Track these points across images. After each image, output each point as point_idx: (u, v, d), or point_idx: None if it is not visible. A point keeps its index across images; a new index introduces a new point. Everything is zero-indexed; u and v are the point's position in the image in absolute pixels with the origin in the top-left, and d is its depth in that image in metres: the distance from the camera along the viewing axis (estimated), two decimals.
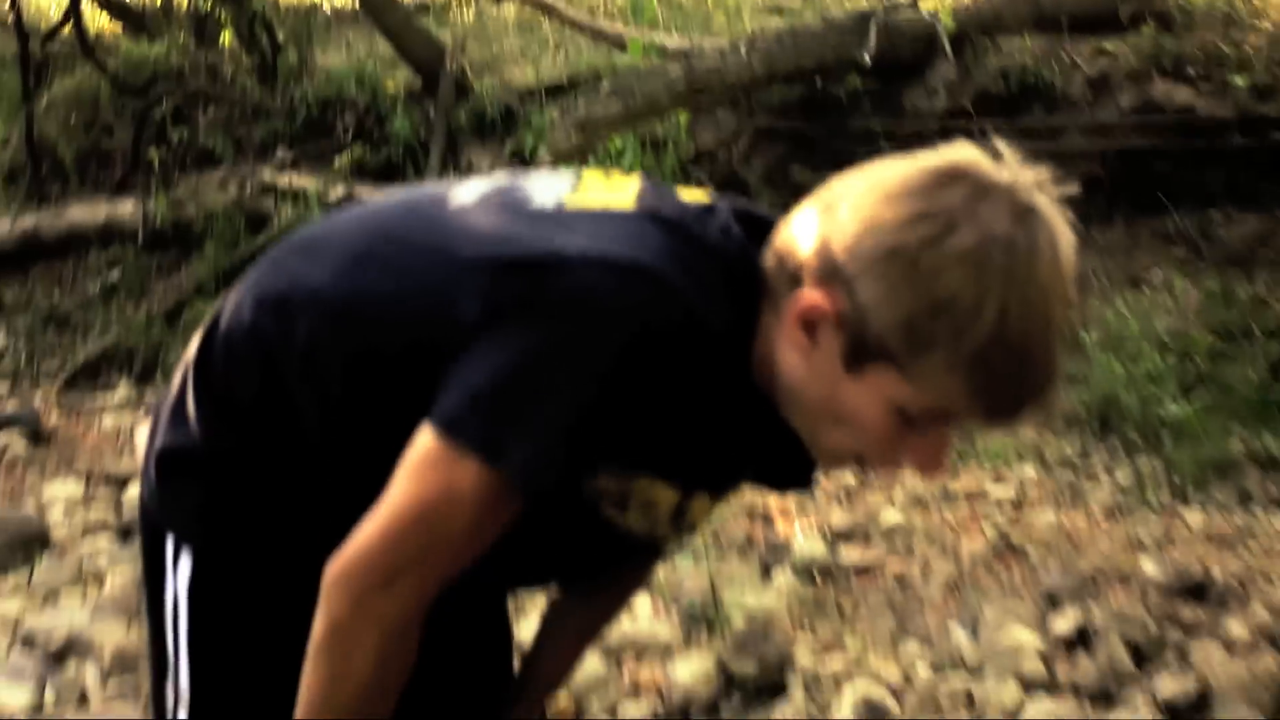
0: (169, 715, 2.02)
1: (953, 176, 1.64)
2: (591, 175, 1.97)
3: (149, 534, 2.03)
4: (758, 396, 1.81)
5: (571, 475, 1.78)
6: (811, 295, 1.69)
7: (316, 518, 1.92)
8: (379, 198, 2.05)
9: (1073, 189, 1.71)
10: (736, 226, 1.84)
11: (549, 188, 1.93)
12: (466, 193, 1.94)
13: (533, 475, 1.71)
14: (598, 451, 1.77)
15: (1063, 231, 1.66)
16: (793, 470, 2.08)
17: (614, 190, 1.91)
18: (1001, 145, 1.71)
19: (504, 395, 1.69)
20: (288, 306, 1.90)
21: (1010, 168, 1.67)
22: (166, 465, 1.98)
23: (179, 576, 1.97)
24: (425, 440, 1.73)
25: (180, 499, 1.97)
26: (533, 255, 1.74)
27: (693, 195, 1.91)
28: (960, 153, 1.68)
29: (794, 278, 1.73)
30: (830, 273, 1.67)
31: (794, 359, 1.75)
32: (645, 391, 1.73)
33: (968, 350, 1.62)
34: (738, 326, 1.78)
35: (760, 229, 1.85)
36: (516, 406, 1.69)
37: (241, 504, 1.93)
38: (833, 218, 1.68)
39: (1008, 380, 1.66)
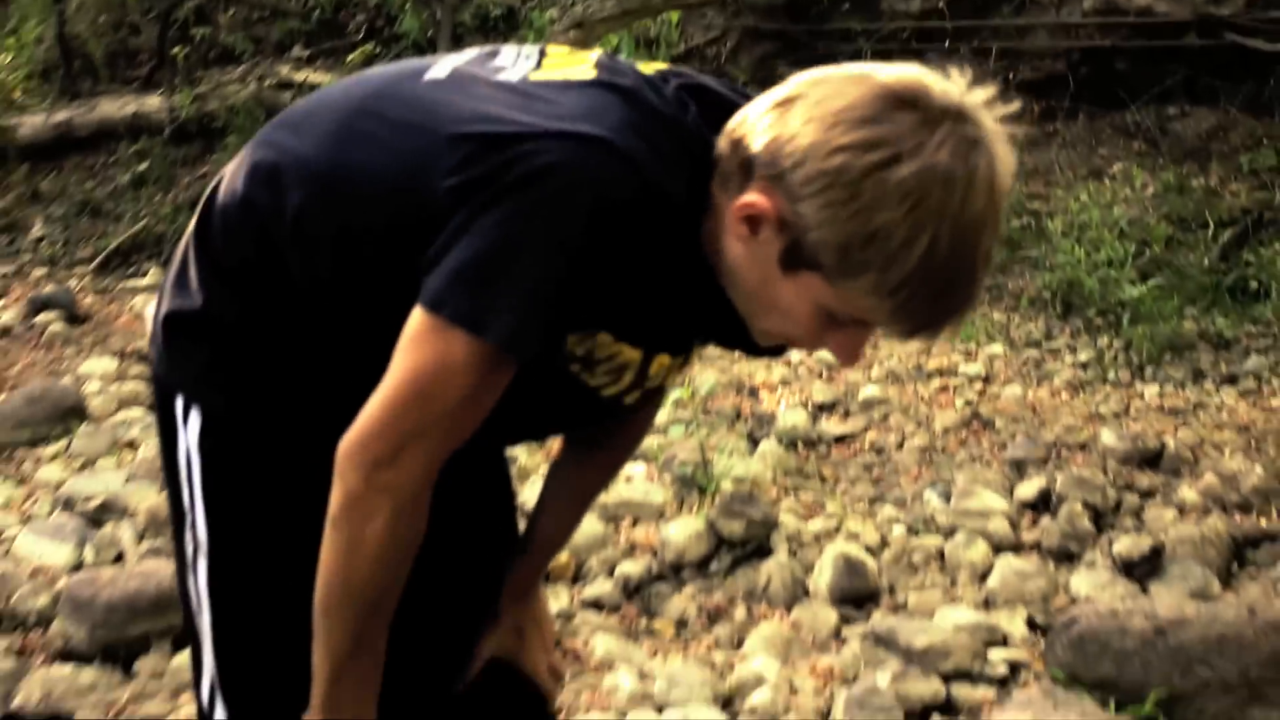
0: (189, 562, 2.02)
1: (903, 101, 1.61)
2: (555, 50, 1.97)
3: (160, 394, 2.03)
4: (706, 266, 1.81)
5: (550, 340, 1.78)
6: (757, 196, 1.68)
7: (313, 375, 1.92)
8: (363, 74, 2.02)
9: (1016, 106, 1.67)
10: (690, 99, 1.83)
11: (516, 63, 1.92)
12: (440, 69, 1.92)
13: (516, 342, 1.71)
14: (570, 315, 1.77)
15: (1003, 158, 1.64)
16: (749, 336, 2.08)
17: (574, 64, 1.90)
18: (953, 68, 1.67)
19: (483, 270, 1.69)
20: (278, 179, 1.88)
21: (959, 89, 1.64)
22: (171, 328, 1.97)
23: (189, 432, 1.96)
24: (416, 320, 1.73)
25: (185, 360, 1.96)
26: (501, 131, 1.73)
27: (648, 67, 1.91)
28: (913, 74, 1.64)
29: (744, 168, 1.71)
30: (777, 177, 1.65)
31: (736, 246, 1.75)
32: (610, 257, 1.73)
33: (895, 278, 1.62)
34: (691, 197, 1.77)
35: (710, 100, 1.83)
36: (495, 280, 1.69)
37: (243, 364, 1.92)
38: (786, 121, 1.66)
39: (929, 303, 1.66)
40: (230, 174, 1.97)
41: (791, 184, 1.64)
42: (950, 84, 1.64)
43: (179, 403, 1.98)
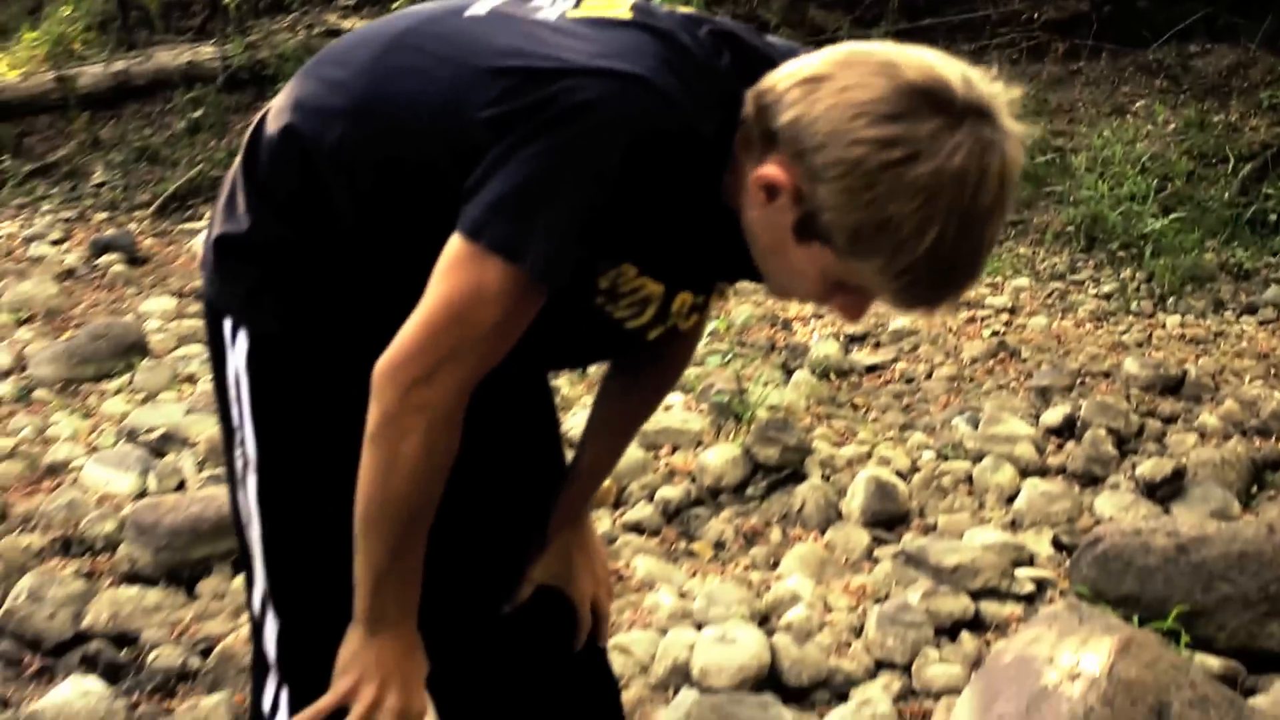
0: (239, 477, 2.03)
1: (926, 100, 1.60)
2: None
3: (210, 316, 2.03)
4: (728, 210, 1.81)
5: (581, 271, 1.78)
6: (777, 169, 1.68)
7: (355, 298, 1.93)
8: (405, 10, 2.02)
9: (1015, 92, 1.69)
10: (723, 46, 1.82)
11: (554, 2, 1.91)
12: (480, 5, 1.92)
13: (550, 270, 1.72)
14: (602, 247, 1.77)
15: (1015, 157, 1.65)
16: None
17: (611, 5, 1.89)
18: (978, 69, 1.68)
19: (520, 200, 1.69)
20: (321, 111, 1.89)
21: (980, 88, 1.64)
22: (220, 252, 1.98)
23: (237, 353, 1.97)
24: (454, 246, 1.74)
25: (233, 283, 1.97)
26: (541, 66, 1.73)
27: (682, 10, 1.90)
28: (938, 70, 1.64)
29: (767, 137, 1.70)
30: (798, 155, 1.65)
31: (753, 209, 1.75)
32: (643, 192, 1.73)
33: (901, 264, 1.64)
34: (718, 139, 1.77)
35: (740, 48, 1.83)
36: (532, 209, 1.69)
37: (288, 287, 1.92)
38: (812, 102, 1.65)
39: (931, 287, 1.68)
40: (276, 106, 1.97)
41: (811, 165, 1.64)
42: (972, 81, 1.64)
43: (227, 324, 1.99)
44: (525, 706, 2.34)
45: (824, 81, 1.65)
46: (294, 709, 2.06)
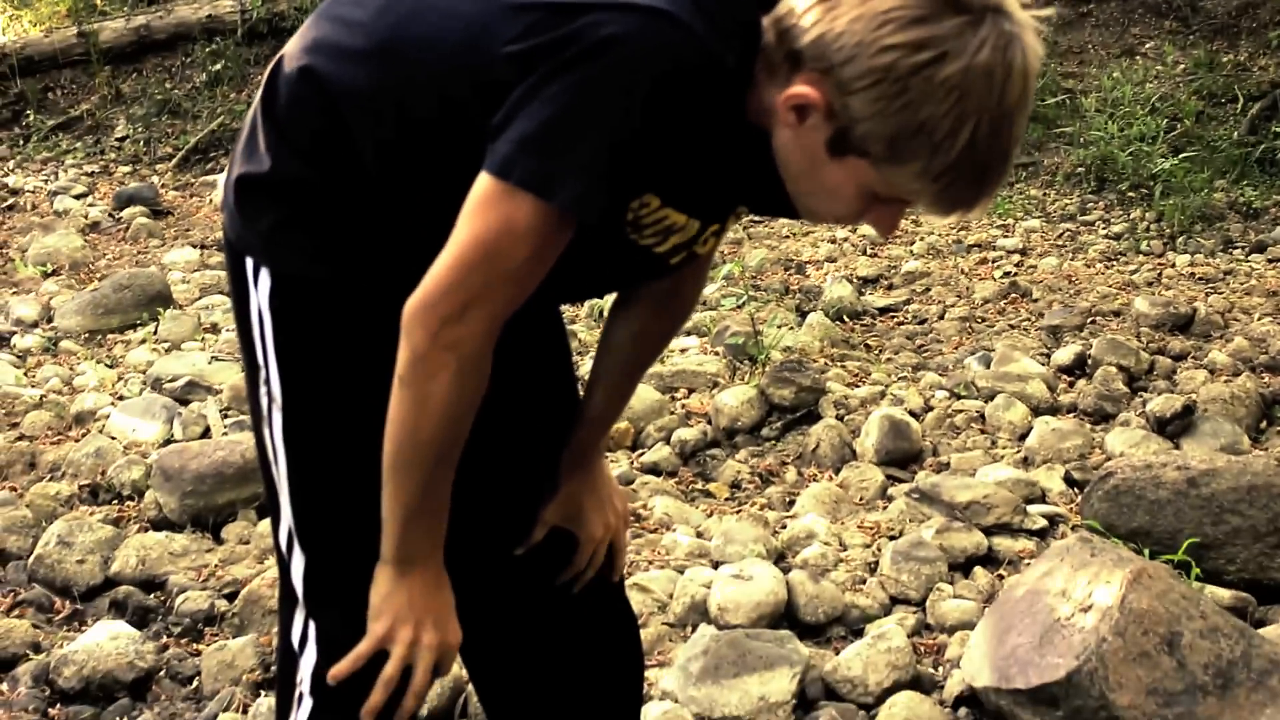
0: (264, 415, 2.02)
1: (946, 3, 1.61)
2: None
3: (231, 255, 2.01)
4: (754, 135, 1.80)
5: (613, 205, 1.76)
6: (807, 88, 1.67)
7: (377, 237, 1.91)
8: None
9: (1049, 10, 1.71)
10: None
11: None
12: None
13: (584, 205, 1.70)
14: (631, 180, 1.76)
15: (1033, 48, 1.66)
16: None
17: None
18: None
19: (549, 137, 1.68)
20: (340, 50, 1.87)
21: None
22: (242, 192, 1.96)
23: (260, 292, 1.95)
24: (483, 184, 1.72)
25: (255, 222, 1.95)
26: (564, 2, 1.70)
27: None
28: None
29: (791, 59, 1.69)
30: (826, 71, 1.65)
31: (784, 133, 1.74)
32: (670, 126, 1.71)
33: (939, 165, 1.64)
34: (740, 68, 1.75)
35: None
36: (562, 146, 1.68)
37: (310, 226, 1.91)
38: (835, 17, 1.65)
39: (968, 186, 1.68)
40: (294, 47, 1.95)
41: (841, 78, 1.64)
42: None
43: (249, 264, 1.97)
44: (544, 644, 2.33)
45: None
46: (322, 642, 2.06)
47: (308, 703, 2.09)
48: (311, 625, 2.08)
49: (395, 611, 1.95)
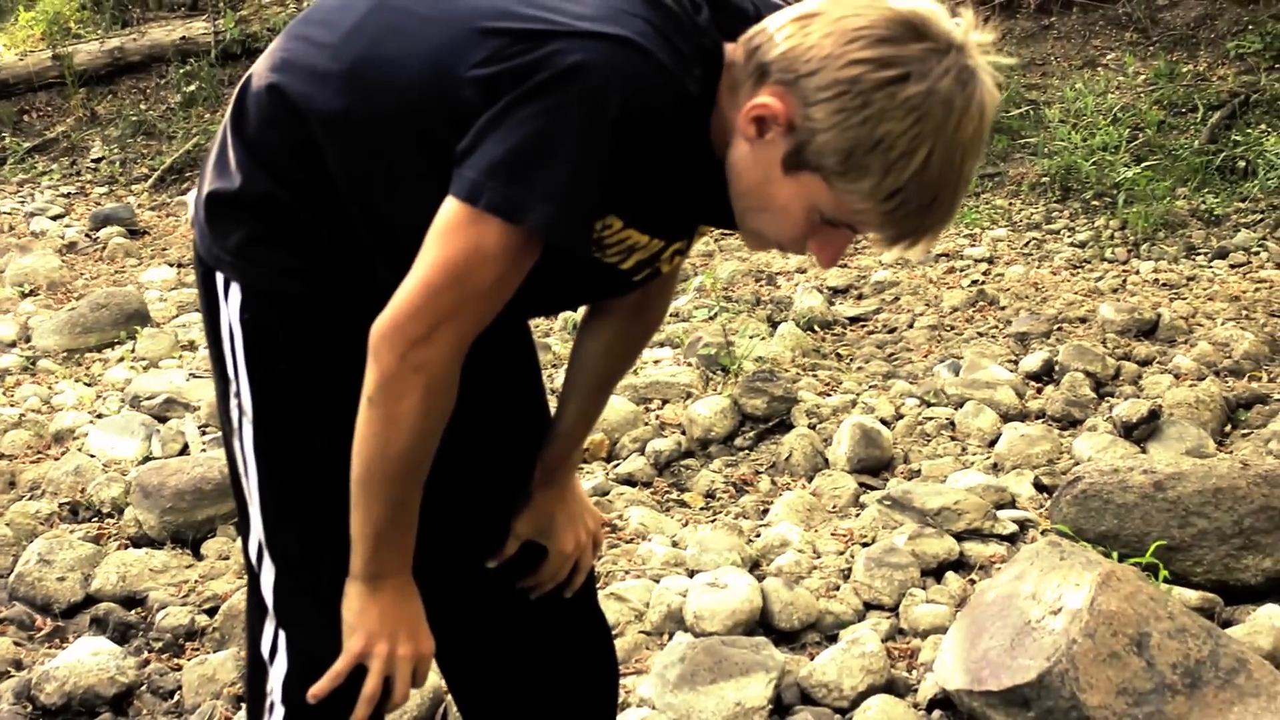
0: (235, 427, 2.02)
1: (915, 29, 1.65)
2: None
3: (203, 272, 2.02)
4: (713, 161, 1.81)
5: (581, 229, 1.77)
6: (770, 98, 1.69)
7: (347, 255, 1.91)
8: None
9: (1010, 60, 1.78)
10: (702, 1, 1.82)
11: None
12: None
13: (552, 230, 1.71)
14: (596, 204, 1.76)
15: (990, 96, 1.69)
16: None
17: None
18: (962, 10, 1.73)
19: (517, 163, 1.68)
20: (309, 71, 1.86)
21: (965, 28, 1.69)
22: (212, 207, 1.96)
23: (230, 307, 1.95)
24: (450, 209, 1.72)
25: (225, 238, 1.95)
26: (529, 28, 1.71)
27: None
28: (925, 4, 1.68)
29: (758, 72, 1.72)
30: (791, 82, 1.67)
31: (741, 147, 1.76)
32: (633, 152, 1.73)
33: (891, 185, 1.66)
34: (703, 94, 1.77)
35: (718, 4, 1.83)
36: (529, 172, 1.68)
37: (278, 242, 1.91)
38: (806, 33, 1.68)
39: (915, 214, 1.69)
40: (263, 65, 1.95)
41: (805, 89, 1.66)
42: (954, 18, 1.69)
43: (220, 279, 1.97)
44: (519, 653, 2.33)
45: (816, 16, 1.69)
46: (292, 653, 2.07)
47: (279, 712, 2.10)
48: (281, 636, 2.08)
49: (369, 627, 1.95)
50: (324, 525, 1.96)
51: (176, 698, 3.38)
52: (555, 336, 5.98)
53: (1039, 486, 4.31)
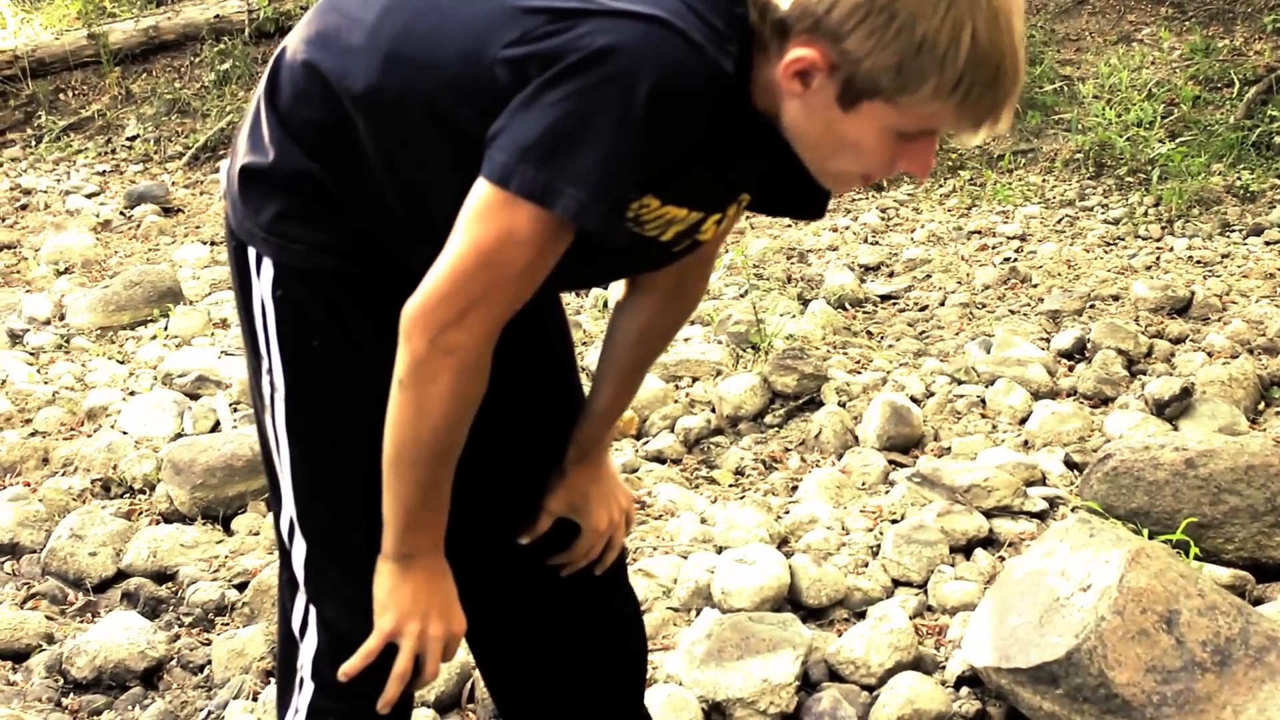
0: (267, 404, 2.02)
1: None
2: None
3: (234, 245, 2.01)
4: (764, 126, 1.80)
5: (615, 211, 1.75)
6: (802, 49, 1.67)
7: (379, 231, 1.92)
8: None
9: None
10: None
11: None
12: None
13: (585, 214, 1.69)
14: (630, 187, 1.75)
15: None
16: (800, 197, 2.06)
17: None
18: None
19: (549, 145, 1.67)
20: (343, 46, 1.85)
21: None
22: (245, 182, 1.95)
23: (262, 282, 1.95)
24: (481, 191, 1.71)
25: (258, 213, 1.94)
26: (562, 7, 1.69)
27: None
28: None
29: (778, 29, 1.69)
30: (813, 26, 1.66)
31: (792, 104, 1.74)
32: (668, 132, 1.71)
33: (951, 77, 1.63)
34: (739, 65, 1.75)
35: None
36: (561, 155, 1.67)
37: (312, 218, 1.90)
38: None
39: (985, 90, 1.67)
40: (296, 37, 1.94)
41: (830, 26, 1.64)
42: None
43: (252, 253, 1.97)
44: (549, 630, 2.34)
45: None
46: (323, 628, 2.08)
47: (309, 687, 2.10)
48: (312, 611, 2.09)
49: (400, 606, 1.96)
50: (355, 502, 1.97)
51: (206, 672, 3.40)
52: (587, 314, 5.98)
53: (1069, 464, 4.29)
